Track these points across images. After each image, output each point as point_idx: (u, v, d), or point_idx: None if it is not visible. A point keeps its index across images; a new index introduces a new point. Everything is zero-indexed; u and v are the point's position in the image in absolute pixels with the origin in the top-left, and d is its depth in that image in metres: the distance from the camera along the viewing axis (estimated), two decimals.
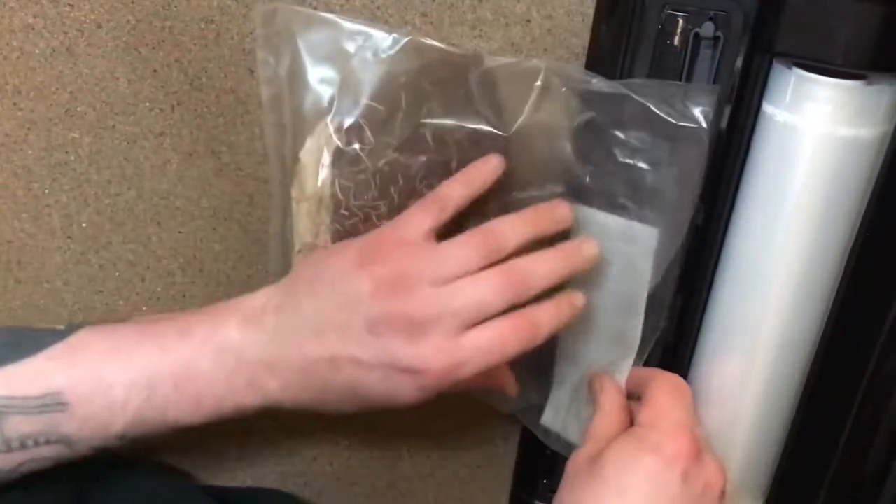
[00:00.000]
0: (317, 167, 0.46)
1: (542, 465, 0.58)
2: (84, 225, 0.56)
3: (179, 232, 0.56)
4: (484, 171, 0.45)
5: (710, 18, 0.42)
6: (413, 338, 0.40)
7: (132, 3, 0.50)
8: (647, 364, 0.49)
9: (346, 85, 0.45)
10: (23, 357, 0.40)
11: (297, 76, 0.45)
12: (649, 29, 0.43)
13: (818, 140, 0.40)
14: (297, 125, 0.46)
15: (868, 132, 0.40)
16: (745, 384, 0.47)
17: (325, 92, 0.45)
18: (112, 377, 0.40)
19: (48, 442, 0.40)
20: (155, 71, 0.52)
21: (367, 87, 0.45)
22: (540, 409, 0.54)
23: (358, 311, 0.40)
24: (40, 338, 0.41)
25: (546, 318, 0.42)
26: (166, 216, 0.56)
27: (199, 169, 0.54)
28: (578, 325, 0.49)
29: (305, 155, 0.46)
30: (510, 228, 0.42)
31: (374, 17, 0.48)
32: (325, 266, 0.43)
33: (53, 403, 0.40)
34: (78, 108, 0.53)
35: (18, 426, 0.39)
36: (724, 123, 0.43)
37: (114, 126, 0.53)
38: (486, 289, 0.41)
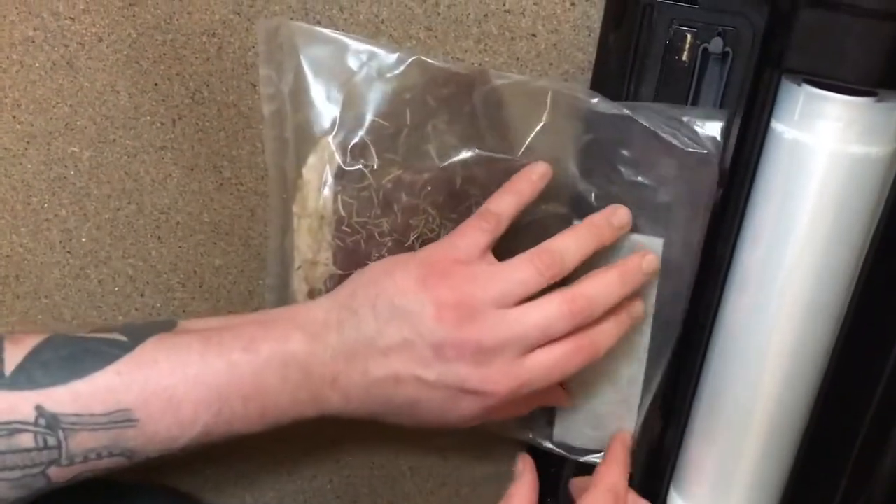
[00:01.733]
0: (319, 184, 0.45)
1: (546, 483, 0.57)
2: (83, 239, 0.56)
3: (180, 247, 0.56)
4: (532, 180, 0.45)
5: (719, 34, 0.41)
6: (480, 362, 0.41)
7: (133, 16, 0.49)
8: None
9: (350, 102, 0.45)
10: (89, 372, 0.39)
11: (299, 92, 0.45)
12: (657, 44, 0.42)
13: (828, 157, 0.40)
14: (300, 141, 0.46)
15: (878, 149, 0.40)
16: (753, 404, 0.46)
17: (329, 109, 0.45)
18: (182, 394, 0.39)
19: (111, 455, 0.39)
20: (156, 85, 0.51)
21: (371, 103, 0.45)
22: (546, 428, 0.53)
23: (422, 333, 0.41)
24: (104, 351, 0.40)
25: (606, 336, 0.43)
26: (167, 231, 0.55)
27: (200, 183, 0.54)
28: None
29: (308, 171, 0.46)
30: (570, 245, 0.43)
31: (378, 31, 0.48)
32: (386, 284, 0.42)
33: (122, 420, 0.39)
34: (78, 122, 0.52)
35: (84, 442, 0.38)
36: (732, 141, 0.43)
37: (114, 140, 0.53)
38: (552, 316, 0.41)
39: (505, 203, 0.44)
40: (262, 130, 0.50)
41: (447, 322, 0.40)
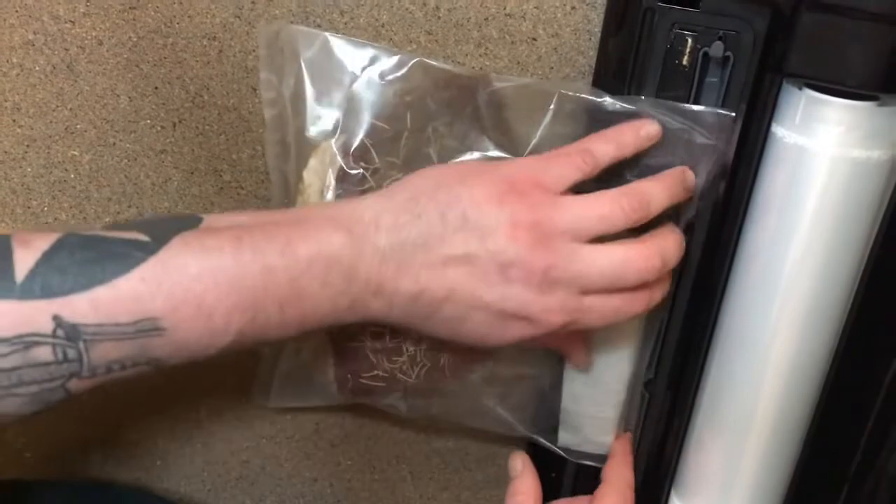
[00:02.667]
0: (321, 187, 0.45)
1: (547, 487, 0.57)
2: None
3: None
4: (639, 135, 0.42)
5: (720, 38, 0.41)
6: (543, 290, 0.39)
7: (134, 19, 0.49)
8: (655, 383, 0.49)
9: (351, 105, 0.45)
10: (111, 278, 0.35)
11: (300, 96, 0.45)
12: (657, 48, 0.42)
13: (829, 162, 0.40)
14: (301, 145, 0.46)
15: (880, 154, 0.40)
16: (754, 408, 0.46)
17: (330, 112, 0.45)
18: (213, 301, 0.36)
19: (135, 365, 0.36)
20: (156, 88, 0.51)
21: (372, 107, 0.44)
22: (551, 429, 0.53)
23: (491, 250, 0.38)
24: (124, 254, 0.35)
25: (659, 291, 0.42)
26: None
27: (200, 187, 0.54)
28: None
29: (309, 175, 0.45)
30: (656, 192, 0.41)
31: (378, 35, 0.48)
32: (459, 192, 0.39)
33: (149, 329, 0.35)
34: (78, 126, 0.52)
35: (107, 353, 0.35)
36: (732, 145, 0.43)
37: (114, 143, 0.53)
38: (629, 262, 0.40)
39: (605, 150, 0.41)
40: (263, 134, 0.50)
41: (520, 242, 0.38)
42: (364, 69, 0.44)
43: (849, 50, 0.39)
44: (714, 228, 0.45)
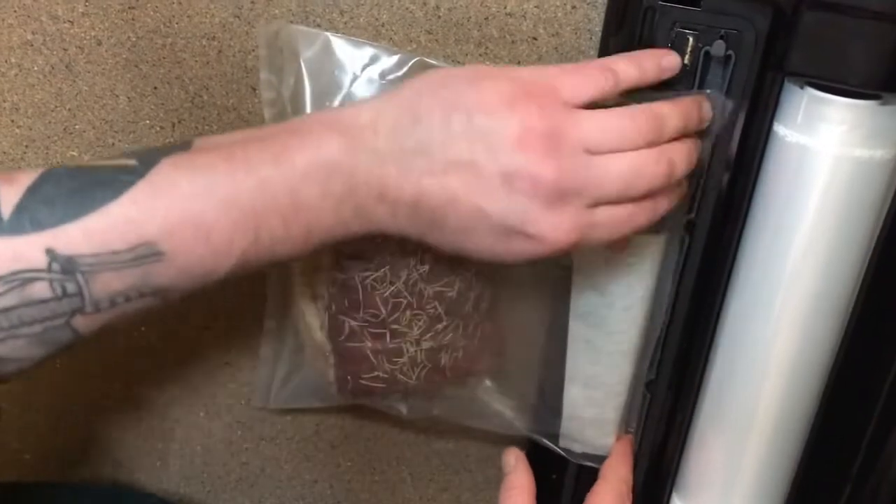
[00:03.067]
0: None
1: (548, 488, 0.57)
2: None
3: None
4: (660, 65, 0.40)
5: (722, 37, 0.41)
6: (550, 205, 0.36)
7: (133, 19, 0.49)
8: (657, 384, 0.49)
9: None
10: (101, 204, 0.33)
11: (300, 96, 0.45)
12: (658, 46, 0.42)
13: (831, 161, 0.40)
14: None
15: (882, 153, 0.40)
16: (756, 409, 0.46)
17: None
18: (211, 220, 0.34)
19: (141, 296, 0.35)
20: (155, 88, 0.51)
21: None
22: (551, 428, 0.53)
23: (496, 155, 0.35)
24: (112, 179, 0.34)
25: (665, 201, 0.39)
26: None
27: None
28: (585, 350, 0.49)
29: None
30: (672, 115, 0.38)
31: (378, 34, 0.48)
32: (467, 93, 0.36)
33: (148, 254, 0.34)
34: (77, 126, 0.52)
35: (108, 284, 0.34)
36: (734, 144, 0.42)
37: (113, 144, 0.53)
38: (640, 167, 0.37)
39: (628, 70, 0.38)
40: None
41: (529, 149, 0.35)
42: (364, 69, 0.44)
43: (851, 48, 0.39)
44: (716, 227, 0.44)
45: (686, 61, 0.42)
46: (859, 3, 0.38)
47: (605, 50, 0.46)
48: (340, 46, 0.44)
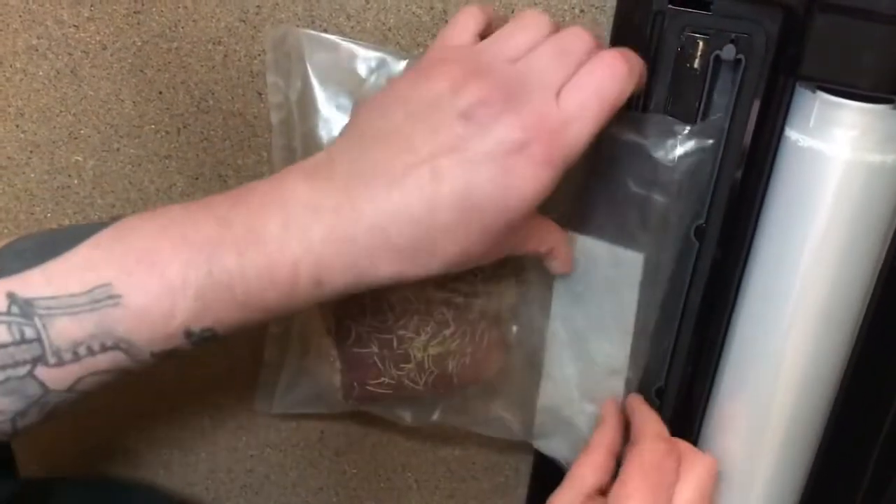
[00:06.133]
0: None
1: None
2: None
3: None
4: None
5: (732, 41, 0.40)
6: (512, 108, 0.36)
7: (138, 24, 0.49)
8: (666, 391, 0.48)
9: None
10: (65, 250, 0.34)
11: (307, 100, 0.44)
12: (668, 51, 0.42)
13: (843, 166, 0.39)
14: (308, 150, 0.45)
15: (895, 158, 0.39)
16: (768, 414, 0.45)
17: (337, 117, 0.44)
18: (166, 258, 0.34)
19: (104, 348, 0.35)
20: (161, 93, 0.51)
21: None
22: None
23: (443, 109, 0.36)
24: (81, 231, 0.35)
25: (616, 61, 0.38)
26: None
27: (204, 192, 0.53)
28: (567, 350, 0.49)
29: None
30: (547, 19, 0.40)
31: (385, 38, 0.48)
32: (389, 98, 0.38)
33: (104, 297, 0.34)
34: (82, 131, 0.52)
35: (67, 331, 0.34)
36: (745, 149, 0.42)
37: (118, 149, 0.52)
38: (566, 46, 0.38)
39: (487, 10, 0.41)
40: (270, 139, 0.50)
41: (463, 87, 0.36)
42: (371, 73, 0.44)
43: (863, 52, 0.38)
44: (727, 233, 0.44)
45: (696, 66, 0.42)
46: (871, 7, 0.38)
47: None
48: (347, 51, 0.44)
